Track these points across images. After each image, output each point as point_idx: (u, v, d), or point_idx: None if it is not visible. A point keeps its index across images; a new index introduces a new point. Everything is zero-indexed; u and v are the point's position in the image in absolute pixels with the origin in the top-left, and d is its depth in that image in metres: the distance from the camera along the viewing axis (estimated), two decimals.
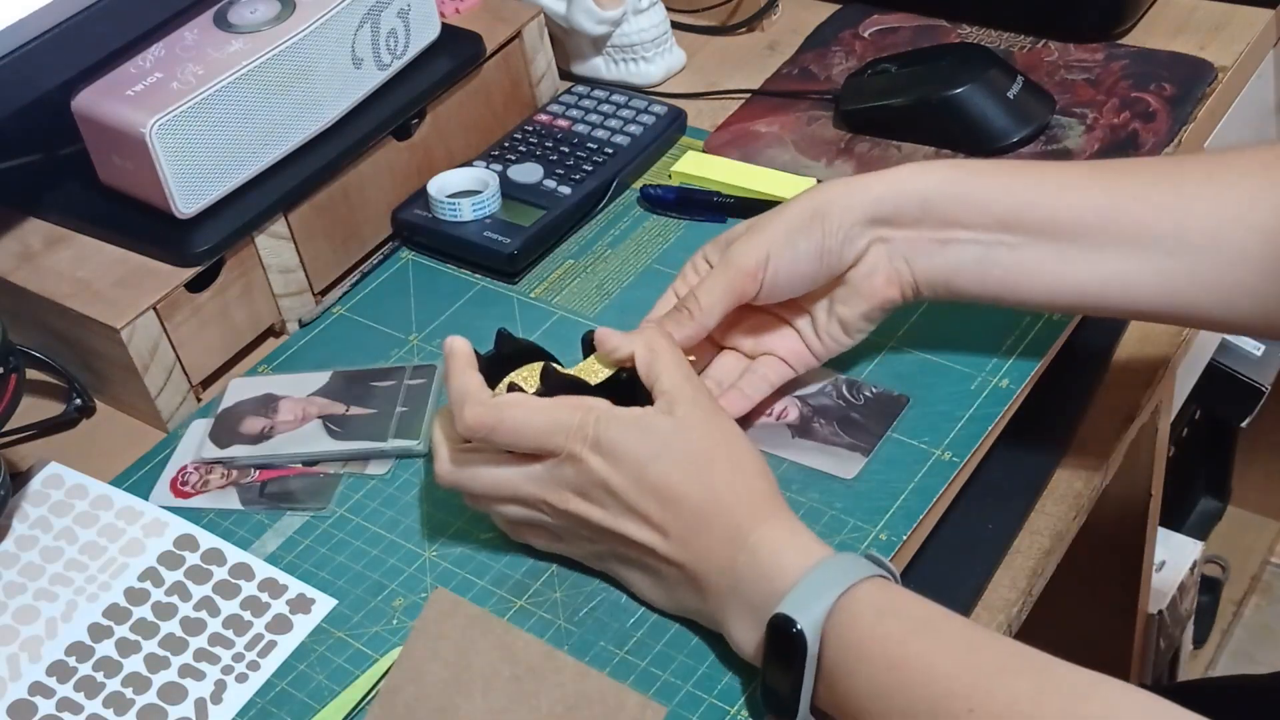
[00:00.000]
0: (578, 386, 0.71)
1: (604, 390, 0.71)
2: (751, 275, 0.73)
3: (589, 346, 0.74)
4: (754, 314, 0.78)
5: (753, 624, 0.64)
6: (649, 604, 0.71)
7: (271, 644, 0.73)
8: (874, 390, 0.80)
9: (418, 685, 0.65)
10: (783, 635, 0.62)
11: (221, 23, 0.88)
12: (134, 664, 0.72)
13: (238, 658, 0.72)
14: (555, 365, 0.73)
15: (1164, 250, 0.70)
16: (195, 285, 0.86)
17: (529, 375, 0.73)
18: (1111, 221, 0.71)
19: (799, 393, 0.81)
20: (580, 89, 1.04)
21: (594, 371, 0.73)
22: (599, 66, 1.09)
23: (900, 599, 0.63)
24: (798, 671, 0.62)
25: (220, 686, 0.71)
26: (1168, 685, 1.46)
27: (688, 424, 0.68)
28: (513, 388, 0.72)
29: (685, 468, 0.67)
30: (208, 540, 0.78)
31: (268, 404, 0.85)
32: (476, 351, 0.73)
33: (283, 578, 0.75)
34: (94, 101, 0.84)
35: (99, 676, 0.72)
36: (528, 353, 0.75)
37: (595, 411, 0.68)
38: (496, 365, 0.74)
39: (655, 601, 0.70)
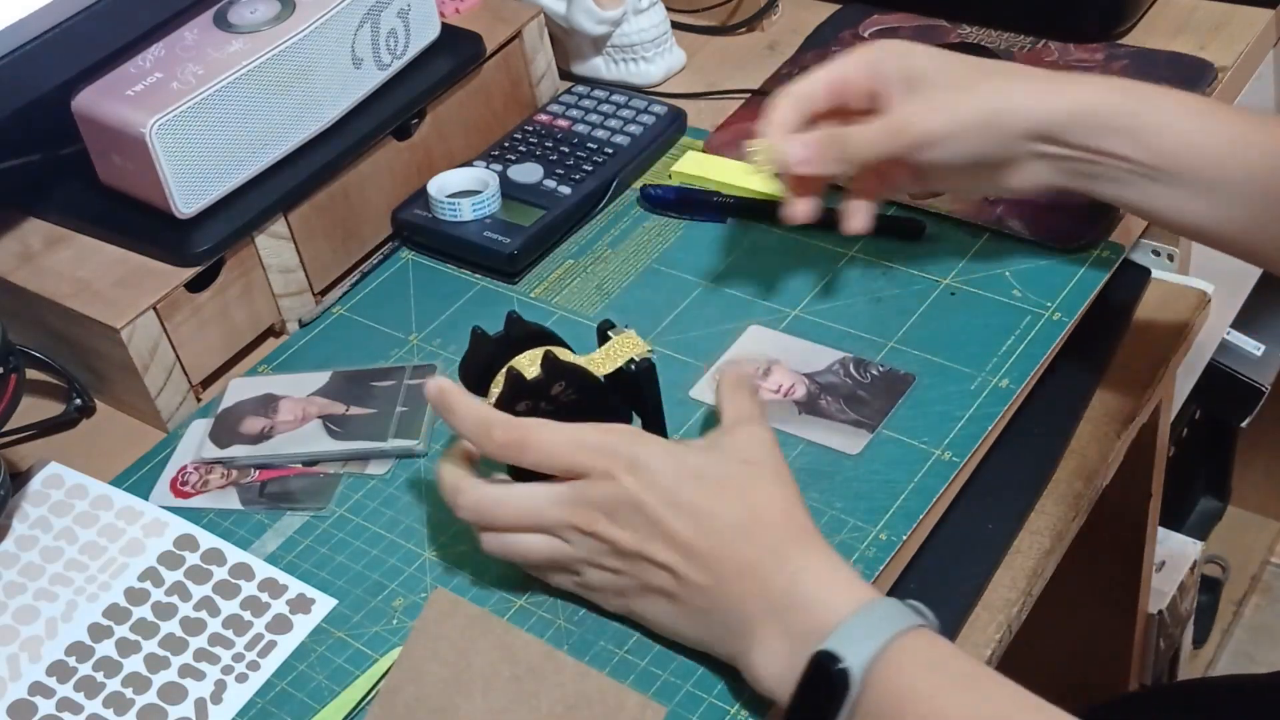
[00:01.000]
0: (579, 374, 0.71)
1: (610, 382, 0.71)
2: (916, 148, 0.76)
3: (604, 336, 0.74)
4: None
5: (784, 653, 0.62)
6: (669, 637, 0.68)
7: (271, 644, 0.73)
8: (881, 368, 0.81)
9: (418, 685, 0.65)
10: (823, 671, 0.60)
11: (221, 23, 0.88)
12: (134, 664, 0.72)
13: (238, 658, 0.72)
14: (555, 352, 0.72)
15: None
16: (195, 285, 0.86)
17: (531, 361, 0.72)
18: (1215, 167, 0.76)
19: (807, 370, 0.81)
20: (580, 89, 1.04)
21: (601, 363, 0.73)
22: (599, 66, 1.09)
23: (947, 654, 0.62)
24: (833, 710, 0.60)
25: (220, 686, 0.71)
26: (1168, 685, 1.46)
27: (733, 448, 0.67)
28: (512, 371, 0.71)
29: (724, 485, 0.66)
30: (208, 540, 0.78)
31: (268, 404, 0.85)
32: (485, 335, 0.73)
33: (283, 578, 0.75)
34: (94, 101, 0.84)
35: (99, 676, 0.72)
36: (536, 336, 0.74)
37: (630, 433, 0.68)
38: (505, 349, 0.73)
39: (675, 631, 0.68)
